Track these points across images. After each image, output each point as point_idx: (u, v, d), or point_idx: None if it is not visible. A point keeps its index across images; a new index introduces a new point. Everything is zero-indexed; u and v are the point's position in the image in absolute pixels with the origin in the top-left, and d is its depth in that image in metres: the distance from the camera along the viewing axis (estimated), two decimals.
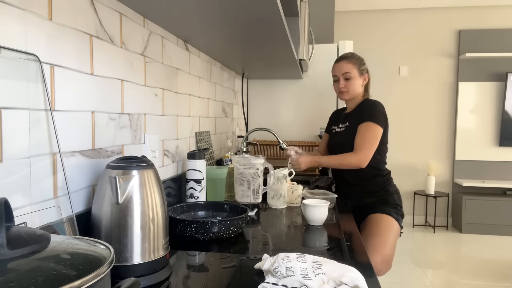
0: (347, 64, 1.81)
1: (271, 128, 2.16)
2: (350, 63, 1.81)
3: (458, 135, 4.49)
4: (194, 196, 1.34)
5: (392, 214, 1.75)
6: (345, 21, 4.61)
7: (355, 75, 1.81)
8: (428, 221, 4.59)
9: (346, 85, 1.82)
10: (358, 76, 1.81)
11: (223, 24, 1.20)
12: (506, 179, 4.43)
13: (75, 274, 0.41)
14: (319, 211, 1.22)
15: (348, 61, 1.82)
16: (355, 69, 1.81)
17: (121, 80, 1.01)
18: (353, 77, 1.81)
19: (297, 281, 0.68)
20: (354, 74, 1.81)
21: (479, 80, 4.43)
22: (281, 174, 1.50)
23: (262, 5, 0.98)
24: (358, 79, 1.82)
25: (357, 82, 1.82)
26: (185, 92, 1.51)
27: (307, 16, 2.08)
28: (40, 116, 0.71)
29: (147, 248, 0.75)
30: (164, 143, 1.31)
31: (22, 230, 0.46)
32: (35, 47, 0.70)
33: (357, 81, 1.82)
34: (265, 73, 2.47)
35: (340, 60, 1.85)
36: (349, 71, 1.80)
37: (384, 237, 1.66)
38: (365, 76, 1.85)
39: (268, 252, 0.95)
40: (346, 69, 1.81)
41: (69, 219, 0.78)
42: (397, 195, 1.83)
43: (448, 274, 3.12)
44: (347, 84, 1.82)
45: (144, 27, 1.13)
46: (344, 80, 1.82)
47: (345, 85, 1.82)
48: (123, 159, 0.77)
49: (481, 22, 4.42)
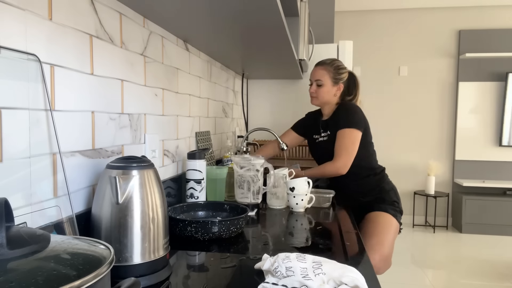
0: (321, 70, 1.81)
1: (271, 128, 2.16)
2: (325, 70, 1.80)
3: (458, 135, 4.49)
4: (194, 196, 1.34)
5: (390, 211, 1.75)
6: (345, 21, 4.61)
7: (326, 83, 1.80)
8: (428, 221, 4.59)
9: (316, 91, 1.83)
10: (330, 85, 1.80)
11: (223, 24, 1.20)
12: (506, 179, 4.43)
13: (75, 274, 0.41)
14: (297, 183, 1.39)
15: (323, 68, 1.81)
16: (328, 77, 1.80)
17: (121, 80, 1.01)
18: (325, 85, 1.80)
19: (297, 281, 0.68)
20: (325, 82, 1.80)
21: (479, 80, 4.43)
22: (280, 174, 1.50)
23: (262, 5, 0.98)
24: (329, 87, 1.81)
25: (328, 90, 1.81)
26: (185, 92, 1.51)
27: (307, 16, 2.08)
28: (40, 116, 0.71)
29: (147, 248, 0.75)
30: (164, 143, 1.31)
31: (22, 230, 0.46)
32: (35, 47, 0.70)
33: (328, 89, 1.81)
34: (265, 73, 2.47)
35: (317, 65, 1.85)
36: (320, 78, 1.80)
37: (382, 235, 1.66)
38: (339, 85, 1.81)
39: (268, 252, 0.95)
40: (319, 76, 1.81)
41: (69, 219, 0.78)
42: (393, 191, 1.84)
43: (448, 274, 3.12)
44: (317, 90, 1.82)
45: (144, 27, 1.13)
46: (316, 86, 1.83)
47: (315, 90, 1.83)
48: (123, 159, 0.77)
49: (481, 22, 4.42)
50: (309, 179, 1.46)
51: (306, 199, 1.42)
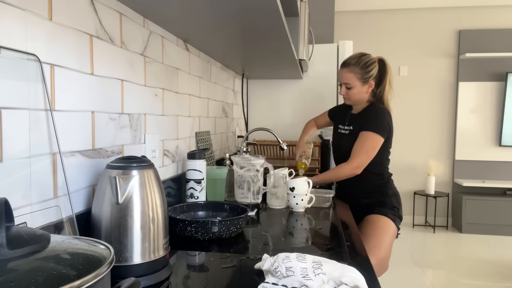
0: (348, 73, 1.75)
1: (271, 128, 2.16)
2: (351, 72, 1.74)
3: (458, 135, 4.49)
4: (194, 196, 1.34)
5: (389, 215, 1.74)
6: (345, 21, 4.61)
7: (355, 85, 1.74)
8: (428, 221, 4.59)
9: (347, 93, 1.78)
10: (359, 85, 1.74)
11: (223, 24, 1.20)
12: (506, 179, 4.43)
13: (75, 274, 0.41)
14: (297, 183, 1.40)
15: (349, 71, 1.74)
16: (356, 78, 1.73)
17: (121, 80, 1.01)
18: (354, 87, 1.74)
19: (297, 281, 0.68)
20: (354, 84, 1.74)
21: (479, 80, 4.43)
22: (280, 174, 1.50)
23: (262, 5, 0.98)
24: (359, 88, 1.75)
25: (359, 91, 1.76)
26: (185, 92, 1.51)
27: (307, 16, 2.08)
28: (40, 116, 0.71)
29: (147, 248, 0.75)
30: (164, 143, 1.31)
31: (22, 230, 0.46)
32: (35, 47, 0.70)
33: (359, 90, 1.75)
34: (265, 73, 2.47)
35: (343, 67, 1.78)
36: (348, 81, 1.75)
37: (379, 239, 1.66)
38: (370, 83, 1.76)
39: (268, 252, 0.95)
40: (346, 79, 1.75)
41: (69, 219, 0.78)
42: (395, 197, 1.82)
43: (448, 274, 3.12)
44: (348, 92, 1.77)
45: (144, 27, 1.13)
46: (346, 89, 1.78)
47: (346, 92, 1.78)
48: (123, 159, 0.77)
49: (481, 22, 4.42)
50: (324, 183, 1.45)
51: (306, 199, 1.42)
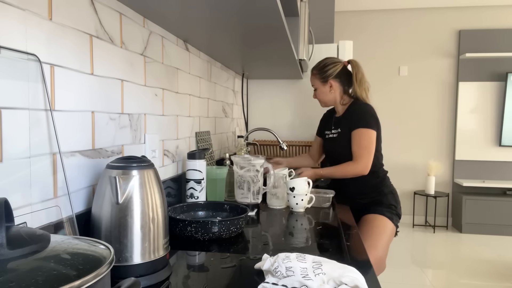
0: (311, 76, 1.90)
1: (271, 128, 2.16)
2: (313, 75, 1.88)
3: (458, 135, 4.49)
4: (194, 196, 1.34)
5: (385, 214, 1.74)
6: (345, 21, 4.61)
7: (318, 86, 1.87)
8: (428, 221, 4.59)
9: (315, 94, 1.92)
10: (321, 86, 1.86)
11: (223, 24, 1.20)
12: (506, 179, 4.43)
13: (75, 274, 0.41)
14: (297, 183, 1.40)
15: (312, 74, 1.89)
16: (316, 79, 1.86)
17: (121, 80, 1.01)
18: (317, 88, 1.88)
19: (297, 281, 0.68)
20: (317, 85, 1.87)
21: (479, 80, 4.43)
22: (280, 174, 1.50)
23: (262, 5, 0.98)
24: (321, 88, 1.86)
25: (322, 91, 1.87)
26: (185, 92, 1.51)
27: (307, 16, 2.08)
28: (40, 116, 0.71)
29: (147, 248, 0.75)
30: (164, 143, 1.31)
31: (22, 230, 0.46)
32: (35, 47, 0.70)
33: (321, 90, 1.87)
34: (265, 73, 2.47)
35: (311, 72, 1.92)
36: (312, 83, 1.90)
37: (376, 238, 1.66)
38: (330, 82, 1.83)
39: (268, 252, 0.95)
40: (312, 82, 1.90)
41: (69, 219, 0.78)
42: (392, 195, 1.82)
43: (448, 274, 3.12)
44: (316, 94, 1.91)
45: (144, 27, 1.13)
46: (314, 91, 1.92)
47: (314, 95, 1.92)
48: (123, 159, 0.77)
49: (481, 22, 4.42)
50: (329, 177, 1.46)
51: (306, 199, 1.42)
